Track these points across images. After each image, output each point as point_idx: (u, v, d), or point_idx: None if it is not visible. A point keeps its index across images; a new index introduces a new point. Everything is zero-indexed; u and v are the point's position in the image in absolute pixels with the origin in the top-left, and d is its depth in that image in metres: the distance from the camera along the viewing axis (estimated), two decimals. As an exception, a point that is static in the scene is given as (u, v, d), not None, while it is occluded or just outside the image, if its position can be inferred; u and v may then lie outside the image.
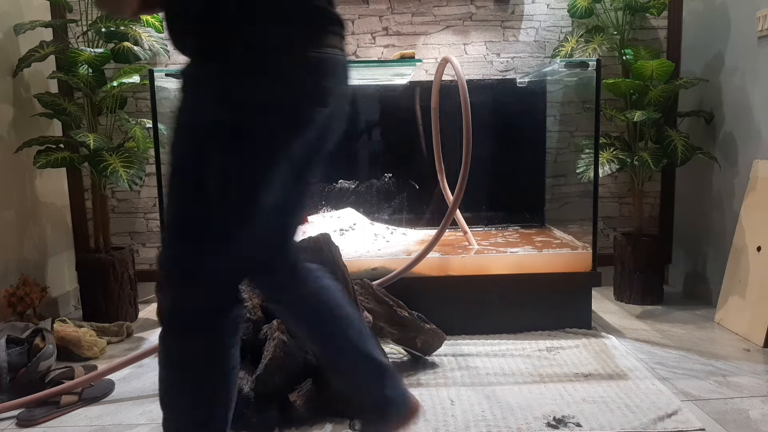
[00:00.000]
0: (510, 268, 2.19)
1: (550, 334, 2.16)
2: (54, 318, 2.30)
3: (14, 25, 2.33)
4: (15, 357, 1.75)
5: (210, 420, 1.05)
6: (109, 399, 1.74)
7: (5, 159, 2.30)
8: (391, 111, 2.75)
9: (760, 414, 1.56)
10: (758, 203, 2.19)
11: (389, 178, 2.74)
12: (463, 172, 1.89)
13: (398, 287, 1.93)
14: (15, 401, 1.66)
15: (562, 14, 2.76)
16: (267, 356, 1.52)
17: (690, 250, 2.77)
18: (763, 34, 2.20)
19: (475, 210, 2.73)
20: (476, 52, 2.80)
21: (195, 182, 0.99)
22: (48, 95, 2.38)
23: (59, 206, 2.70)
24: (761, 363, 1.90)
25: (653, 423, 1.49)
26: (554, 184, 2.87)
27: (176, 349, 1.03)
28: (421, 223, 2.73)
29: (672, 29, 2.79)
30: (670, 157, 2.41)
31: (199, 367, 1.03)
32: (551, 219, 2.84)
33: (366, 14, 2.76)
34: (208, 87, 0.99)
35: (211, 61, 1.00)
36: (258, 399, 1.51)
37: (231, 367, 1.05)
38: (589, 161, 2.47)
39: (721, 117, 2.51)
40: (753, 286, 2.14)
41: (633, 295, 2.59)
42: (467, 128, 1.88)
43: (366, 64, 2.62)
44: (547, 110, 2.81)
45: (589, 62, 2.15)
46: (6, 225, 2.30)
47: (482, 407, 1.60)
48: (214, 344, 1.03)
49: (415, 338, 1.85)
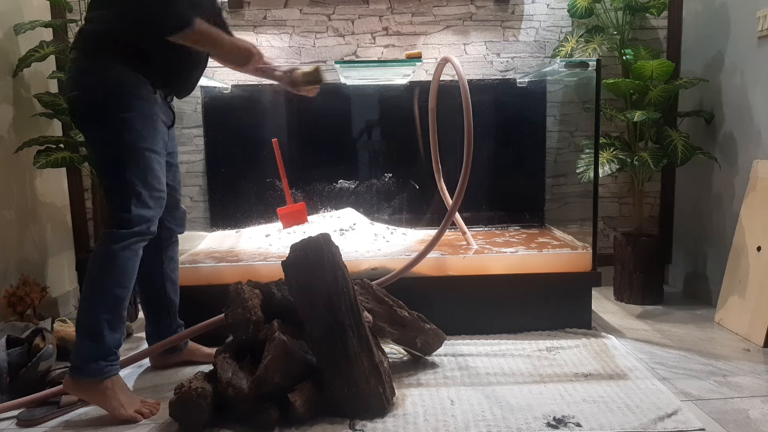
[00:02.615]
0: (510, 268, 2.19)
1: (550, 334, 2.16)
2: (54, 318, 2.30)
3: (14, 25, 2.33)
4: (15, 357, 1.75)
5: (121, 292, 1.60)
6: (109, 399, 1.74)
7: (5, 159, 2.30)
8: (392, 111, 2.75)
9: (760, 414, 1.56)
10: (758, 203, 2.19)
11: (389, 178, 2.74)
12: (464, 172, 1.89)
13: (398, 287, 1.93)
14: (15, 401, 1.66)
15: (562, 14, 2.76)
16: (267, 356, 1.52)
17: (690, 250, 2.77)
18: (763, 34, 2.20)
19: (475, 210, 2.73)
20: (476, 52, 2.80)
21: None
22: (48, 95, 2.38)
23: (59, 206, 2.70)
24: (761, 363, 1.90)
25: (653, 423, 1.49)
26: (554, 184, 2.87)
27: (107, 252, 1.57)
28: (421, 223, 2.73)
29: (672, 29, 2.79)
30: (670, 157, 2.41)
31: (122, 261, 1.59)
32: (551, 219, 2.84)
33: (366, 14, 2.76)
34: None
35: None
36: (258, 399, 1.51)
37: (134, 265, 1.62)
38: (589, 161, 2.47)
39: (721, 117, 2.51)
40: (753, 286, 2.14)
41: (633, 295, 2.59)
42: (468, 128, 1.88)
43: (366, 64, 2.62)
44: (547, 110, 2.81)
45: (589, 62, 2.15)
46: (6, 225, 2.30)
47: (482, 407, 1.60)
48: (130, 251, 1.60)
49: (415, 338, 1.85)
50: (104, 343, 1.57)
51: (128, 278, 1.60)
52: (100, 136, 1.60)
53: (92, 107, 1.58)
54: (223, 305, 1.68)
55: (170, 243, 1.89)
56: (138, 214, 1.59)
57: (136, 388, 1.81)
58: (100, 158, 1.63)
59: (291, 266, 1.58)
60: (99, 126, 1.58)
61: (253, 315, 1.62)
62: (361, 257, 2.20)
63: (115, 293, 1.58)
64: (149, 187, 1.61)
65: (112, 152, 1.59)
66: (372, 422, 1.53)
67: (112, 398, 1.58)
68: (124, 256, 1.58)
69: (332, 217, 2.63)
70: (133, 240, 1.60)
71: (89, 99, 1.58)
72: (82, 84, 1.59)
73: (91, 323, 1.57)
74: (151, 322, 1.92)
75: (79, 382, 1.58)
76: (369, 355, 1.57)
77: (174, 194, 1.85)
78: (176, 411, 1.50)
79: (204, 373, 1.59)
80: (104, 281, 1.58)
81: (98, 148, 1.63)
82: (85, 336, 1.58)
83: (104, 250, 1.58)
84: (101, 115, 1.57)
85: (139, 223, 1.60)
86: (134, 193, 1.58)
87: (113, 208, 1.61)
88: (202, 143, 2.76)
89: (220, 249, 2.44)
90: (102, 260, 1.59)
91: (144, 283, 1.88)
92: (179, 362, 1.96)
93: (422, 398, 1.66)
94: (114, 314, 1.59)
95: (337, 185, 2.73)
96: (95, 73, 1.57)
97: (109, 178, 1.61)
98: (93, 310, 1.58)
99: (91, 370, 1.57)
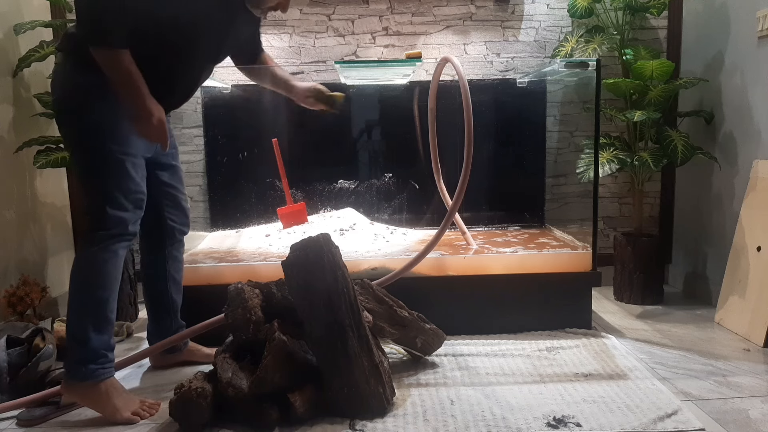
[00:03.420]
0: (510, 268, 2.19)
1: (550, 334, 2.16)
2: (54, 318, 2.30)
3: (14, 25, 2.33)
4: (15, 357, 1.75)
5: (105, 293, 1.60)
6: (109, 399, 1.74)
7: (5, 159, 2.30)
8: (391, 111, 2.75)
9: (760, 414, 1.56)
10: (758, 203, 2.19)
11: (389, 178, 2.74)
12: (464, 172, 1.88)
13: (398, 287, 1.93)
14: (15, 401, 1.66)
15: (562, 14, 2.76)
16: (267, 356, 1.52)
17: (690, 250, 2.77)
18: (763, 34, 2.20)
19: (475, 210, 2.73)
20: (476, 52, 2.80)
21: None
22: (48, 95, 2.38)
23: (59, 206, 2.70)
24: (761, 363, 1.90)
25: (653, 423, 1.49)
26: (554, 184, 2.87)
27: (85, 255, 1.59)
28: (421, 223, 2.73)
29: (672, 29, 2.79)
30: (670, 157, 2.41)
31: (100, 263, 1.58)
32: (551, 219, 2.84)
33: (366, 14, 2.76)
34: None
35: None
36: (258, 399, 1.51)
37: (114, 266, 1.60)
38: (589, 161, 2.47)
39: (721, 117, 2.51)
40: (753, 286, 2.14)
41: (633, 295, 2.59)
42: (469, 129, 1.87)
43: (366, 64, 2.62)
44: (547, 110, 2.81)
45: (589, 62, 2.15)
46: (6, 225, 2.30)
47: (482, 407, 1.60)
48: (108, 252, 1.59)
49: (415, 338, 1.86)
50: (90, 346, 1.57)
51: (109, 279, 1.59)
52: (73, 138, 1.60)
53: (66, 109, 1.58)
54: (223, 305, 1.68)
55: (174, 242, 1.89)
56: (113, 215, 1.57)
57: (136, 388, 1.81)
58: (74, 159, 1.62)
59: (291, 266, 1.58)
60: (72, 128, 1.58)
61: (253, 315, 1.62)
62: (361, 257, 2.20)
63: (98, 295, 1.57)
64: (123, 190, 1.59)
65: (85, 154, 1.58)
66: (372, 422, 1.53)
67: (107, 402, 1.58)
68: (102, 258, 1.57)
69: (332, 217, 2.63)
70: (111, 242, 1.59)
71: (64, 100, 1.58)
72: (57, 85, 1.59)
73: (76, 328, 1.57)
74: (153, 320, 1.92)
75: (73, 387, 1.59)
76: (369, 355, 1.57)
77: (176, 193, 1.86)
78: (176, 411, 1.50)
79: (204, 373, 1.59)
80: (85, 284, 1.58)
81: (72, 149, 1.62)
82: (73, 340, 1.58)
83: (83, 252, 1.59)
84: (74, 116, 1.56)
85: (116, 225, 1.58)
86: (108, 195, 1.57)
87: (89, 211, 1.60)
88: (202, 143, 2.76)
89: (220, 249, 2.45)
90: (81, 263, 1.59)
91: (147, 282, 1.89)
92: (179, 362, 1.96)
93: (422, 398, 1.66)
94: (98, 316, 1.58)
95: (337, 185, 2.73)
96: (68, 74, 1.57)
97: (84, 179, 1.61)
98: (77, 315, 1.58)
99: (81, 373, 1.57)
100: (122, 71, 1.47)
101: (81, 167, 1.60)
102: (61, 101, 1.59)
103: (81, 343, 1.57)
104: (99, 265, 1.57)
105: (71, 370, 1.58)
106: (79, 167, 1.61)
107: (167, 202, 1.84)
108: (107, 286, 1.59)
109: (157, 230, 1.85)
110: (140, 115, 1.51)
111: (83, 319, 1.57)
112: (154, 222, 1.82)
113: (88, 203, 1.61)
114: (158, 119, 1.53)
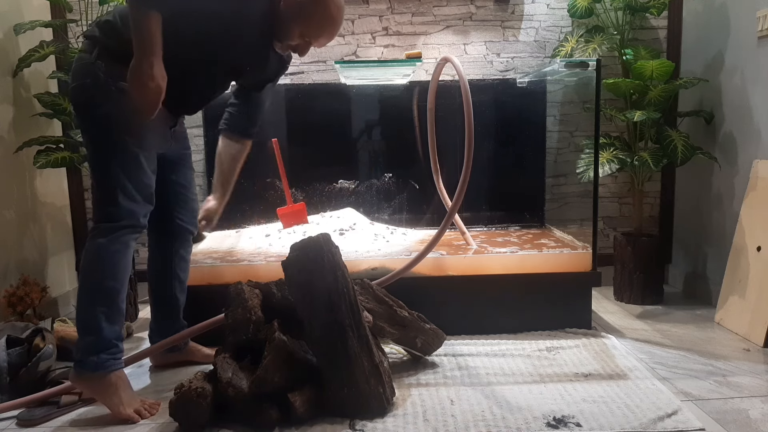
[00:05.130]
0: (510, 268, 2.19)
1: (550, 334, 2.16)
2: (54, 318, 2.30)
3: (14, 25, 2.33)
4: (15, 357, 1.75)
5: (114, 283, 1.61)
6: (109, 399, 1.74)
7: (5, 159, 2.30)
8: (391, 111, 2.75)
9: (760, 414, 1.56)
10: (758, 203, 2.19)
11: (389, 178, 2.74)
12: (464, 172, 1.88)
13: (398, 287, 1.93)
14: (15, 401, 1.66)
15: (562, 14, 2.76)
16: (267, 356, 1.52)
17: (690, 250, 2.77)
18: (763, 34, 2.20)
19: (475, 210, 2.73)
20: (476, 52, 2.80)
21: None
22: (48, 95, 2.38)
23: (59, 206, 2.70)
24: (761, 363, 1.90)
25: (653, 423, 1.49)
26: (554, 184, 2.87)
27: (96, 246, 1.58)
28: (421, 223, 2.73)
29: (672, 29, 2.79)
30: (670, 157, 2.41)
31: (112, 254, 1.59)
32: (551, 219, 2.84)
33: (366, 14, 2.76)
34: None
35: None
36: (258, 399, 1.51)
37: (124, 257, 1.62)
38: (589, 161, 2.47)
39: (721, 117, 2.51)
40: (753, 286, 2.14)
41: (633, 295, 2.59)
42: (469, 129, 1.87)
43: (366, 64, 2.62)
44: (547, 110, 2.81)
45: (589, 62, 2.15)
46: (6, 225, 2.30)
47: (482, 407, 1.60)
48: (119, 243, 1.60)
49: (415, 338, 1.85)
50: (103, 336, 1.58)
51: (121, 271, 1.60)
52: (88, 128, 1.61)
53: (83, 99, 1.59)
54: (223, 305, 1.68)
55: (182, 241, 1.90)
56: (125, 206, 1.59)
57: (137, 388, 1.80)
58: (88, 150, 1.63)
59: (291, 266, 1.58)
60: (88, 118, 1.59)
61: (253, 315, 1.62)
62: (361, 257, 2.20)
63: (109, 286, 1.58)
64: (136, 182, 1.60)
65: (99, 145, 1.59)
66: (372, 422, 1.53)
67: (114, 394, 1.59)
68: (113, 250, 1.58)
69: (332, 217, 2.63)
70: (121, 233, 1.60)
71: (80, 90, 1.58)
72: (79, 73, 1.59)
73: (87, 317, 1.58)
74: (155, 318, 1.92)
75: (83, 377, 1.59)
76: (369, 355, 1.57)
77: (186, 193, 1.87)
78: (176, 411, 1.50)
79: (204, 373, 1.59)
80: (96, 275, 1.58)
81: (87, 139, 1.63)
82: (84, 331, 1.59)
83: (93, 244, 1.59)
84: (89, 107, 1.57)
85: (127, 216, 1.60)
86: (121, 186, 1.58)
87: (101, 202, 1.62)
88: (202, 143, 2.76)
89: (220, 249, 2.44)
90: (92, 255, 1.59)
91: (153, 279, 1.90)
92: (179, 362, 1.96)
93: (422, 398, 1.66)
94: (110, 306, 1.59)
95: (337, 185, 2.73)
96: (87, 64, 1.57)
97: (97, 169, 1.62)
98: (88, 305, 1.59)
99: (92, 363, 1.57)
100: (149, 31, 1.45)
101: (95, 156, 1.61)
102: (81, 90, 1.59)
103: (93, 333, 1.57)
104: (110, 256, 1.58)
105: (82, 360, 1.58)
106: (93, 156, 1.62)
107: (177, 200, 1.85)
108: (118, 277, 1.60)
109: (166, 228, 1.86)
110: (143, 72, 1.48)
111: (95, 308, 1.58)
112: (163, 220, 1.83)
113: (99, 194, 1.62)
114: (157, 85, 1.49)
